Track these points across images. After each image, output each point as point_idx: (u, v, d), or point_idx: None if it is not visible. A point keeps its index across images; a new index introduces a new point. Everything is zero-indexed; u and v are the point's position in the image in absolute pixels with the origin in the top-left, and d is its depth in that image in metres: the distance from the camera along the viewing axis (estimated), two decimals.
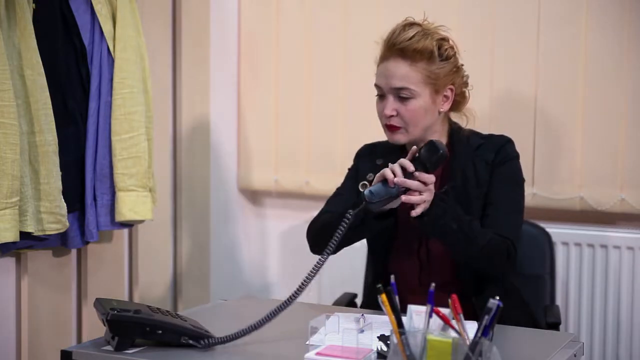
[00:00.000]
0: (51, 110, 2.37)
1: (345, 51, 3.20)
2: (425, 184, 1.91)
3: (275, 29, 3.32)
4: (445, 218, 1.97)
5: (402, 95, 2.07)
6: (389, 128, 2.10)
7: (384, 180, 1.92)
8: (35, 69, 2.32)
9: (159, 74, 2.94)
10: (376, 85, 2.12)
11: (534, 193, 2.95)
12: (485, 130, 2.23)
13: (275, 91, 3.34)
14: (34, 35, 2.32)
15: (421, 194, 1.91)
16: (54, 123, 2.37)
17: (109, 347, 1.71)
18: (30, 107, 2.32)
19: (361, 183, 2.09)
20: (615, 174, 2.88)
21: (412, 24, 2.09)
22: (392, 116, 2.08)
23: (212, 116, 3.23)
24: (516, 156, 2.17)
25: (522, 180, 2.18)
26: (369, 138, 2.33)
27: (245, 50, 3.37)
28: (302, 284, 1.74)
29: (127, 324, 1.69)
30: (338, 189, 2.30)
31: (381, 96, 2.11)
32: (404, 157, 2.02)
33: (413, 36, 2.06)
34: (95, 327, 2.62)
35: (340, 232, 1.81)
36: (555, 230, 2.85)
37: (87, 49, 2.52)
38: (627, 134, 2.86)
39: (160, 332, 1.70)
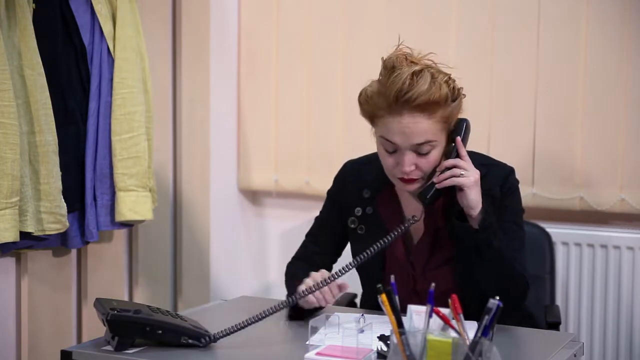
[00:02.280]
0: (51, 110, 2.37)
1: (345, 51, 3.19)
2: (460, 156, 1.91)
3: (275, 29, 3.32)
4: (493, 229, 1.91)
5: (422, 149, 1.92)
6: (405, 181, 1.95)
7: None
8: (35, 69, 2.32)
9: (159, 74, 2.94)
10: (387, 140, 1.93)
11: (534, 193, 2.95)
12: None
13: (275, 91, 3.34)
14: (34, 35, 2.32)
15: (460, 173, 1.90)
16: (54, 123, 2.37)
17: (109, 347, 1.71)
18: (30, 107, 2.32)
19: (350, 219, 2.08)
20: (615, 174, 2.88)
21: (419, 72, 1.89)
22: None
23: (212, 116, 3.22)
24: (518, 186, 2.07)
25: (523, 212, 2.09)
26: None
27: (245, 50, 3.37)
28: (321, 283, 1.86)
29: (127, 324, 1.69)
30: (321, 218, 2.20)
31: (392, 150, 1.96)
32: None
33: (427, 88, 1.87)
34: (95, 327, 2.61)
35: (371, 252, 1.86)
36: (555, 230, 2.86)
37: (87, 49, 2.52)
38: (627, 134, 2.86)
39: (160, 332, 1.71)
